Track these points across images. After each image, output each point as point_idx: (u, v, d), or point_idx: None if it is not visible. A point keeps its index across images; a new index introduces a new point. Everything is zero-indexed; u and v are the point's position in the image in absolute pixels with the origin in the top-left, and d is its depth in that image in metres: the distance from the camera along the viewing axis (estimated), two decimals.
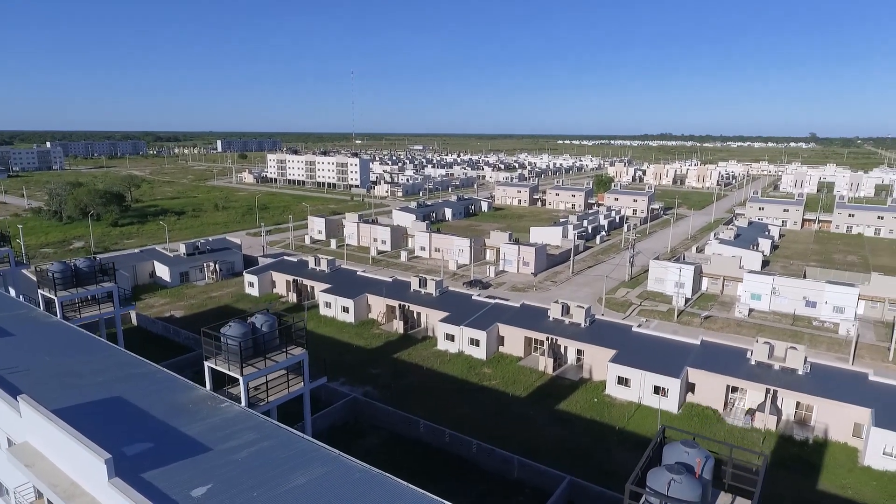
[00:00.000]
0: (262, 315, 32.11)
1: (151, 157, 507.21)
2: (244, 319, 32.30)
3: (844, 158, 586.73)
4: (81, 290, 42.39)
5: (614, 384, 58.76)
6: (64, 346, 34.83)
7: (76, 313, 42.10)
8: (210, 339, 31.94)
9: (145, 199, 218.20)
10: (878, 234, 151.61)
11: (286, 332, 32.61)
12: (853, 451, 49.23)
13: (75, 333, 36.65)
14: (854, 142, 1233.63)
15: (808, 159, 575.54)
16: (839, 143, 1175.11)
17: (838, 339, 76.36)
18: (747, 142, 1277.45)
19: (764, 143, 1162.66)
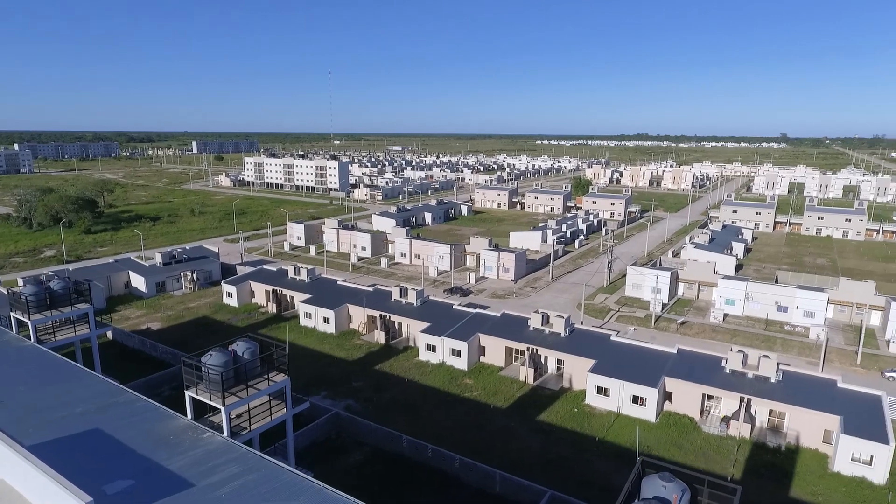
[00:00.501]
0: (243, 342, 31.93)
1: (124, 160, 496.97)
2: (225, 347, 32.08)
3: (814, 159, 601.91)
4: (56, 312, 41.54)
5: (594, 394, 59.64)
6: (39, 374, 34.16)
7: (51, 336, 41.23)
8: (191, 369, 31.64)
9: (119, 205, 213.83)
10: (846, 237, 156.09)
11: (268, 358, 32.44)
12: (823, 457, 50.80)
13: (51, 360, 35.96)
14: (823, 142, 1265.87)
15: (779, 160, 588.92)
16: (809, 143, 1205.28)
17: (809, 344, 78.54)
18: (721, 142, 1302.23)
19: (737, 144, 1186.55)
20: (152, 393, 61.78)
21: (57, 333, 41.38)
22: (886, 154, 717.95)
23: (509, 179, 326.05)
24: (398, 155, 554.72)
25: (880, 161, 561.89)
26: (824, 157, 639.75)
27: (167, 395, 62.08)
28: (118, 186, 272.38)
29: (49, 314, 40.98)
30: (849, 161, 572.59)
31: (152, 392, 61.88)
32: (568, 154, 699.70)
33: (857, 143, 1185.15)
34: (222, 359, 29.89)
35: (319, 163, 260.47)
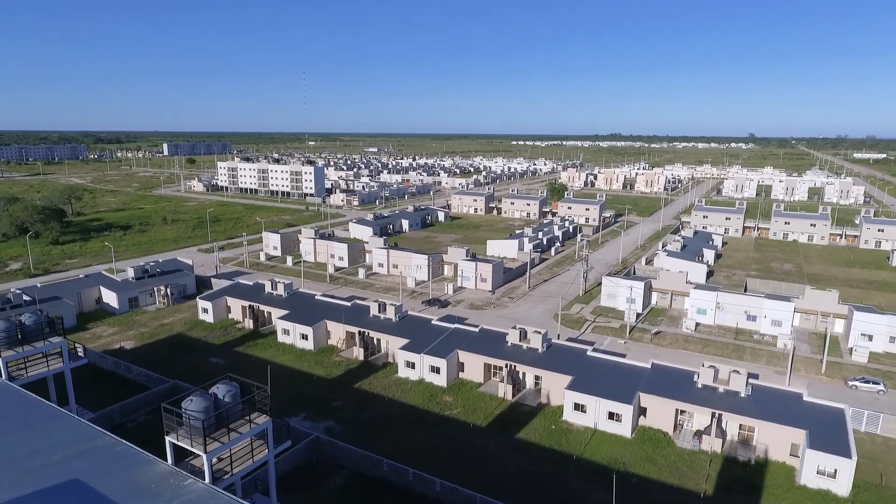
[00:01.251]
0: (223, 384, 31.82)
1: (92, 163, 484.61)
2: (206, 389, 31.96)
3: (781, 160, 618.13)
4: (28, 347, 40.68)
5: (571, 410, 60.76)
6: (13, 416, 33.55)
7: (23, 371, 40.41)
8: (171, 415, 31.45)
9: (87, 212, 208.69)
10: (811, 241, 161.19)
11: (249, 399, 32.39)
12: (791, 469, 52.72)
13: (24, 399, 35.30)
14: (789, 142, 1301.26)
15: (747, 161, 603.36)
16: (776, 143, 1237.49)
17: (777, 353, 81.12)
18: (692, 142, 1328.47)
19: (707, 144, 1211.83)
20: (128, 418, 61.05)
21: (29, 369, 40.57)
22: (848, 155, 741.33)
23: (485, 183, 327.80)
24: (374, 157, 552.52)
25: (843, 162, 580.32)
26: (790, 158, 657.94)
27: (143, 419, 61.28)
28: (86, 192, 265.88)
29: (21, 349, 40.16)
30: (813, 162, 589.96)
31: (128, 417, 61.12)
32: (543, 155, 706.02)
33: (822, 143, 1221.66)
34: (203, 404, 29.80)
35: (295, 168, 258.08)
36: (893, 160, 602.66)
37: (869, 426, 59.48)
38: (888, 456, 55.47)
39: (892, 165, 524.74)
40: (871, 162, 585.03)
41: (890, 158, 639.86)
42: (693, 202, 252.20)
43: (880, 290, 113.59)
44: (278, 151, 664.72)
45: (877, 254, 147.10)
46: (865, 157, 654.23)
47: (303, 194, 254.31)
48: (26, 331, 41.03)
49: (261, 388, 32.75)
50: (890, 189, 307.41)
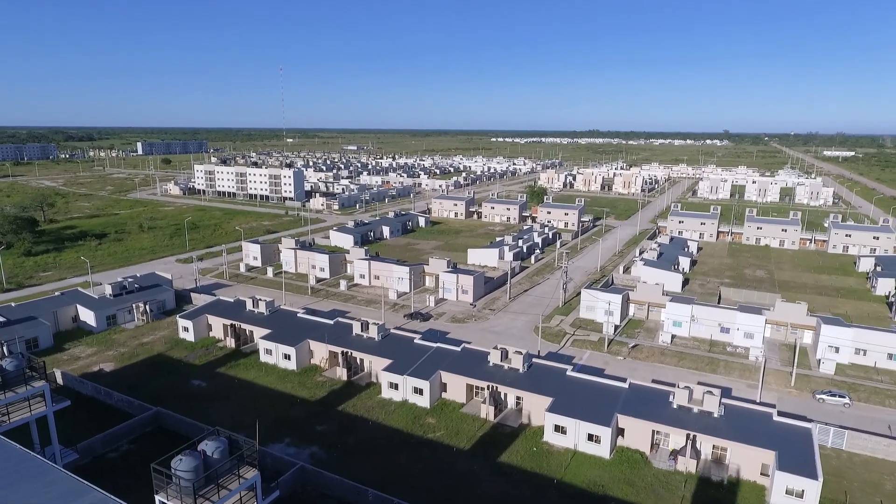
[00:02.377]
0: (212, 441, 32.16)
1: (64, 163, 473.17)
2: (194, 446, 32.31)
3: (754, 158, 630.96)
4: (10, 393, 40.47)
5: (552, 432, 62.24)
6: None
7: (5, 417, 40.20)
8: (160, 475, 31.76)
9: (60, 219, 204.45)
10: (783, 246, 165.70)
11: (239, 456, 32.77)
12: (761, 489, 54.92)
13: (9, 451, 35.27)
14: (762, 139, 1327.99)
15: (722, 159, 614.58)
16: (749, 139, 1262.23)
17: (749, 366, 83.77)
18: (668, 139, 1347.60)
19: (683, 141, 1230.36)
20: (110, 448, 60.77)
21: (12, 415, 40.37)
22: (819, 152, 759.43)
23: (466, 184, 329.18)
24: (354, 157, 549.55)
25: (813, 160, 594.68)
26: (763, 156, 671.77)
27: (125, 449, 61.05)
28: (59, 196, 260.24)
29: (3, 396, 39.98)
30: (786, 160, 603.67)
31: (110, 447, 60.84)
32: (523, 153, 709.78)
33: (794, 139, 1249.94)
34: (192, 463, 30.16)
35: (273, 171, 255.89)
36: (861, 158, 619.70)
37: (835, 441, 62.06)
38: (852, 472, 58.04)
39: (859, 164, 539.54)
40: (840, 160, 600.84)
41: (858, 156, 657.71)
42: (669, 204, 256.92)
43: (847, 298, 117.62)
44: (256, 150, 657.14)
45: (844, 258, 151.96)
46: (835, 155, 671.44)
47: (282, 198, 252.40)
48: (8, 377, 40.80)
49: (249, 443, 33.23)
50: (858, 190, 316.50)
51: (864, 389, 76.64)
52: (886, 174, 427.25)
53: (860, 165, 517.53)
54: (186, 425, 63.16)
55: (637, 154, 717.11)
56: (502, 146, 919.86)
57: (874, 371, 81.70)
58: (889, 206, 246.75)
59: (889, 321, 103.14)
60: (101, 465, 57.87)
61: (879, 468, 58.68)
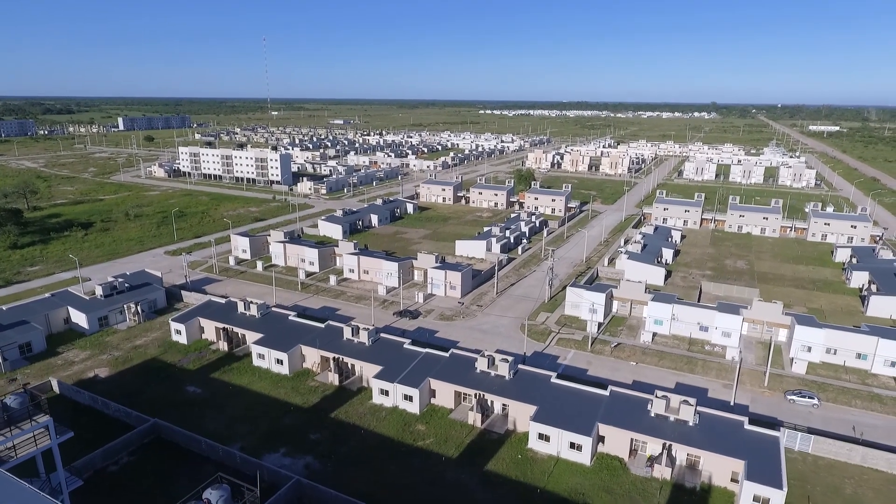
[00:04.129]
0: (216, 490, 34.12)
1: (43, 140, 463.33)
2: (198, 496, 34.28)
3: (741, 133, 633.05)
4: (16, 430, 42.07)
5: (536, 439, 65.29)
6: None
7: (12, 452, 41.88)
8: None
9: (44, 206, 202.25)
10: (764, 233, 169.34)
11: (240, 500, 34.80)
12: (731, 494, 58.57)
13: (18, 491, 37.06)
14: (749, 111, 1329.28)
15: (709, 134, 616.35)
16: (737, 112, 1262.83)
17: (725, 366, 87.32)
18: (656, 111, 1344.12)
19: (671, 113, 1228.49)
20: (110, 461, 62.82)
21: (18, 450, 42.03)
22: (804, 127, 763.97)
23: (454, 164, 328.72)
24: (340, 133, 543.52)
25: (799, 136, 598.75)
26: (750, 131, 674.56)
27: (125, 462, 63.15)
28: (41, 180, 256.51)
29: (9, 434, 41.58)
30: (772, 135, 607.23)
31: (110, 460, 62.89)
32: (511, 128, 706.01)
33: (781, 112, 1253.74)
34: None
35: (259, 154, 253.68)
36: (846, 134, 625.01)
37: (802, 446, 65.83)
38: (816, 476, 61.89)
39: (843, 140, 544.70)
40: (825, 136, 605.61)
41: (843, 131, 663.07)
42: (655, 186, 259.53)
43: (823, 290, 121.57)
44: (241, 125, 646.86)
45: (822, 247, 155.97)
46: (820, 130, 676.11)
47: (269, 181, 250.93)
48: (13, 414, 42.33)
49: (251, 490, 35.32)
50: (840, 170, 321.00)
51: (832, 389, 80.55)
52: (869, 151, 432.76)
53: (844, 142, 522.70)
54: (184, 437, 65.25)
55: (625, 129, 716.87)
56: (490, 119, 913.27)
57: (843, 370, 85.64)
58: (869, 188, 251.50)
59: (861, 315, 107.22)
60: (102, 480, 60.01)
61: (841, 472, 62.58)
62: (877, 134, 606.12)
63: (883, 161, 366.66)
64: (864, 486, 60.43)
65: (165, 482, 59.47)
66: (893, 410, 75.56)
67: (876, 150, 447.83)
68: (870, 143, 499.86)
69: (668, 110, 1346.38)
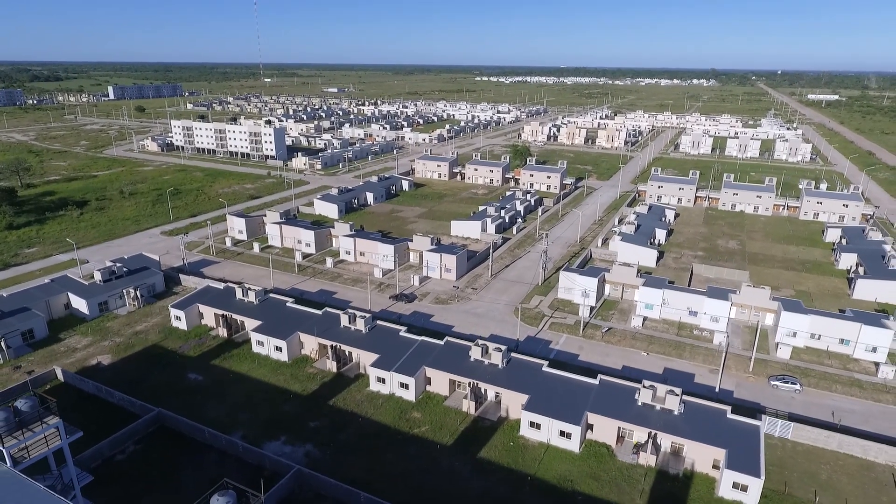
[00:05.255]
0: (223, 497, 36.06)
1: (32, 111, 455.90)
2: (206, 502, 36.16)
3: (739, 102, 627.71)
4: (28, 432, 43.80)
5: (527, 427, 67.85)
6: None
7: (25, 453, 43.73)
8: None
9: (38, 183, 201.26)
10: (757, 212, 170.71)
11: None
12: (712, 481, 61.47)
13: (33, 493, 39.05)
14: (749, 78, 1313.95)
15: (707, 104, 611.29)
16: (736, 79, 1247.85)
17: (712, 351, 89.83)
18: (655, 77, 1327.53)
19: (670, 81, 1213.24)
20: (117, 450, 65.16)
21: (31, 451, 43.89)
22: (803, 95, 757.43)
23: (449, 137, 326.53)
24: (335, 103, 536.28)
25: (797, 105, 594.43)
26: (748, 100, 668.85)
27: (131, 451, 65.49)
28: (32, 155, 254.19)
29: (22, 437, 43.33)
30: (770, 104, 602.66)
31: (117, 449, 65.22)
32: (507, 96, 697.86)
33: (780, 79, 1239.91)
34: None
35: (253, 128, 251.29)
36: (844, 103, 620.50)
37: (783, 432, 68.64)
38: (794, 462, 64.83)
39: (842, 110, 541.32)
40: (824, 105, 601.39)
41: (841, 100, 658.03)
42: (651, 160, 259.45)
43: (811, 272, 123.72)
44: (233, 94, 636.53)
45: (814, 226, 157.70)
46: (819, 99, 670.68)
47: (263, 156, 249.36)
48: (24, 417, 44.01)
49: (256, 496, 37.32)
50: (837, 143, 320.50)
51: (814, 374, 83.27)
52: (867, 123, 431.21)
53: (842, 112, 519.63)
54: (188, 426, 67.49)
55: (623, 97, 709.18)
56: (487, 87, 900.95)
57: (826, 355, 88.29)
58: (864, 163, 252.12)
59: (847, 298, 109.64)
60: (110, 468, 62.40)
61: (818, 457, 65.54)
62: (875, 104, 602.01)
63: (880, 133, 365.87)
64: (839, 471, 63.44)
65: (171, 471, 61.88)
66: (872, 396, 78.46)
67: (874, 121, 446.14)
68: (868, 114, 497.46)
69: (666, 77, 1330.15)
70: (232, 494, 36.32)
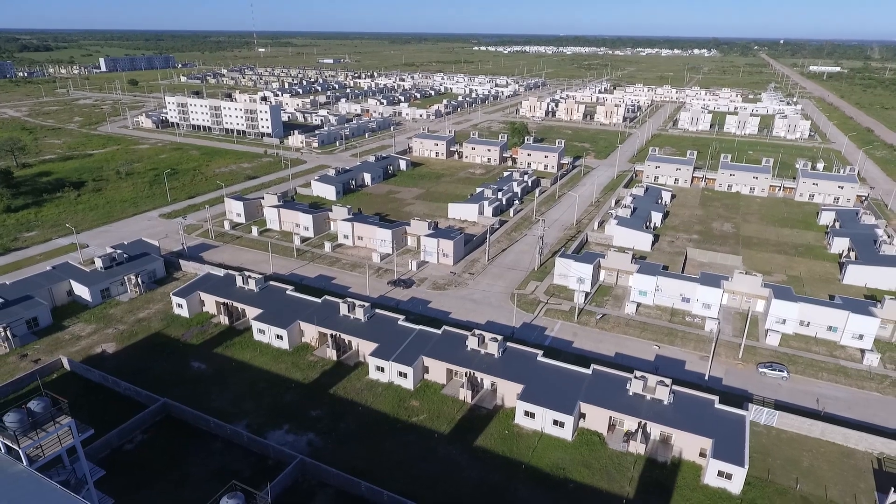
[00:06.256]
0: (232, 499, 38.01)
1: (24, 84, 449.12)
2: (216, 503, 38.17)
3: (740, 75, 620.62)
4: (42, 432, 45.59)
5: (522, 416, 70.21)
6: None
7: (40, 452, 45.63)
8: None
9: (33, 162, 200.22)
10: (753, 193, 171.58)
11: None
12: (698, 468, 64.10)
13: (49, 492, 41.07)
14: (751, 48, 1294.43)
15: (707, 76, 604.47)
16: (738, 49, 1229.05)
17: (703, 337, 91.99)
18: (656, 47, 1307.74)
19: (670, 51, 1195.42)
20: (126, 440, 67.42)
21: (45, 450, 45.82)
22: (805, 66, 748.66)
23: (447, 112, 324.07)
24: (331, 76, 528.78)
25: (799, 78, 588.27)
26: (749, 72, 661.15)
27: (139, 440, 67.76)
28: (26, 132, 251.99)
29: (36, 437, 45.16)
30: (772, 76, 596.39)
31: (126, 439, 67.47)
32: (506, 67, 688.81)
33: (782, 49, 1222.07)
34: None
35: (249, 105, 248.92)
36: (846, 75, 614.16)
37: (768, 420, 71.16)
38: (778, 449, 67.46)
39: (843, 83, 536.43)
40: (825, 77, 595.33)
41: (843, 72, 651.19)
42: (650, 137, 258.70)
43: (804, 256, 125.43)
44: (227, 66, 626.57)
45: (809, 207, 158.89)
46: (821, 71, 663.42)
47: (259, 133, 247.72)
48: (37, 418, 45.78)
49: (263, 498, 39.30)
50: (836, 120, 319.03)
51: (801, 362, 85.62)
52: (867, 97, 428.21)
53: (843, 85, 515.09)
54: (193, 415, 69.64)
55: (622, 69, 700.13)
56: (485, 57, 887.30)
57: (814, 342, 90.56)
58: (863, 141, 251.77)
59: (837, 284, 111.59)
60: (120, 458, 64.71)
61: (801, 445, 68.19)
62: (877, 76, 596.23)
63: (880, 108, 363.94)
64: (821, 458, 66.14)
65: (178, 460, 64.26)
66: (856, 383, 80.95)
67: (874, 94, 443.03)
68: (869, 87, 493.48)
69: (667, 47, 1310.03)
70: (240, 496, 38.33)
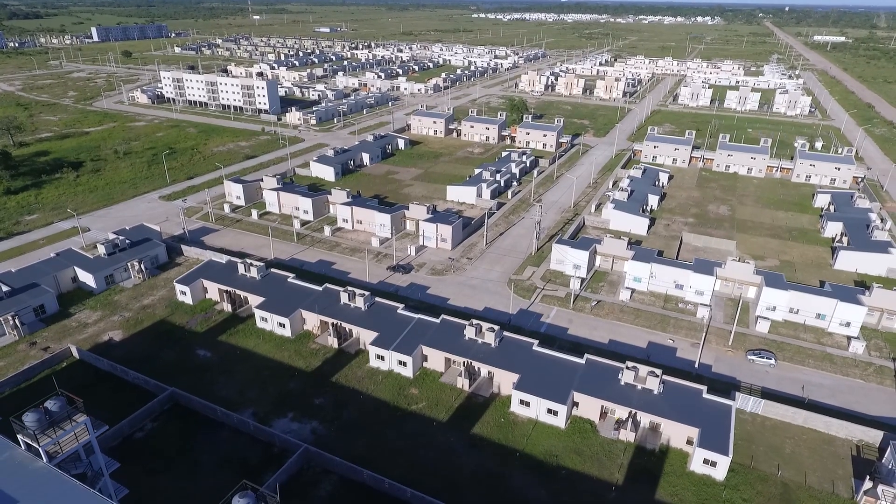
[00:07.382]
0: (242, 498, 40.39)
1: (15, 56, 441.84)
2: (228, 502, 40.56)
3: (744, 45, 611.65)
4: (59, 430, 47.90)
5: (517, 404, 72.93)
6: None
7: (58, 448, 48.03)
8: None
9: (30, 141, 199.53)
10: (750, 173, 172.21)
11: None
12: (685, 456, 67.11)
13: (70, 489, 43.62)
14: (755, 15, 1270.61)
15: (710, 46, 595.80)
16: (742, 17, 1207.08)
17: (695, 324, 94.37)
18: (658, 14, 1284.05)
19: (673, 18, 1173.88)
20: (136, 428, 70.15)
21: (63, 446, 48.25)
22: (809, 36, 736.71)
23: (445, 86, 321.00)
24: (328, 47, 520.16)
25: (802, 49, 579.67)
26: (753, 42, 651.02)
27: (149, 428, 70.49)
28: (21, 108, 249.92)
29: (54, 434, 47.51)
30: (775, 47, 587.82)
31: (136, 427, 70.19)
32: (506, 36, 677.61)
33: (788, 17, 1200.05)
34: None
35: (246, 81, 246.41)
36: (850, 45, 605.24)
37: (754, 408, 74.00)
38: (762, 436, 70.44)
39: (848, 53, 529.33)
40: (829, 48, 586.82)
41: (847, 42, 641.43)
42: (649, 113, 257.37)
43: (797, 240, 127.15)
44: (221, 35, 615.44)
45: (805, 189, 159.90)
46: (825, 41, 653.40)
47: (256, 110, 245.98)
48: (54, 417, 48.07)
49: (273, 497, 41.71)
50: (838, 94, 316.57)
51: (789, 349, 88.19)
52: (871, 69, 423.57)
53: (847, 57, 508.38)
54: (200, 404, 72.24)
55: (624, 38, 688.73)
56: (484, 25, 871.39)
57: (803, 329, 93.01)
58: (863, 118, 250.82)
59: (829, 269, 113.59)
60: (132, 446, 67.50)
61: (784, 432, 71.13)
62: (882, 46, 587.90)
63: (882, 82, 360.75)
64: (802, 445, 69.15)
65: (187, 448, 67.09)
66: (842, 370, 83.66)
67: (878, 67, 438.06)
68: (873, 58, 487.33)
69: (670, 14, 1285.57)
70: (251, 496, 40.79)
